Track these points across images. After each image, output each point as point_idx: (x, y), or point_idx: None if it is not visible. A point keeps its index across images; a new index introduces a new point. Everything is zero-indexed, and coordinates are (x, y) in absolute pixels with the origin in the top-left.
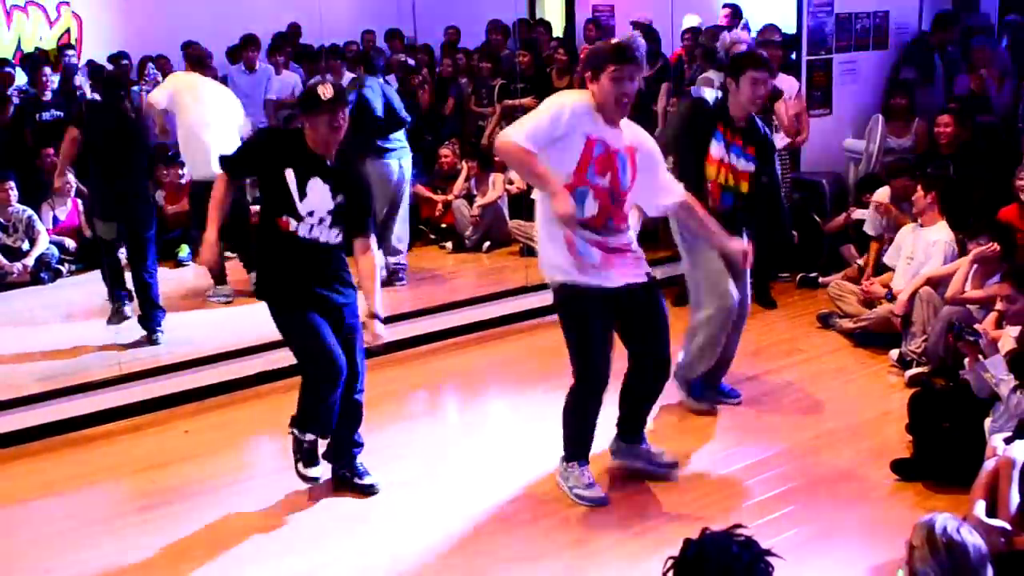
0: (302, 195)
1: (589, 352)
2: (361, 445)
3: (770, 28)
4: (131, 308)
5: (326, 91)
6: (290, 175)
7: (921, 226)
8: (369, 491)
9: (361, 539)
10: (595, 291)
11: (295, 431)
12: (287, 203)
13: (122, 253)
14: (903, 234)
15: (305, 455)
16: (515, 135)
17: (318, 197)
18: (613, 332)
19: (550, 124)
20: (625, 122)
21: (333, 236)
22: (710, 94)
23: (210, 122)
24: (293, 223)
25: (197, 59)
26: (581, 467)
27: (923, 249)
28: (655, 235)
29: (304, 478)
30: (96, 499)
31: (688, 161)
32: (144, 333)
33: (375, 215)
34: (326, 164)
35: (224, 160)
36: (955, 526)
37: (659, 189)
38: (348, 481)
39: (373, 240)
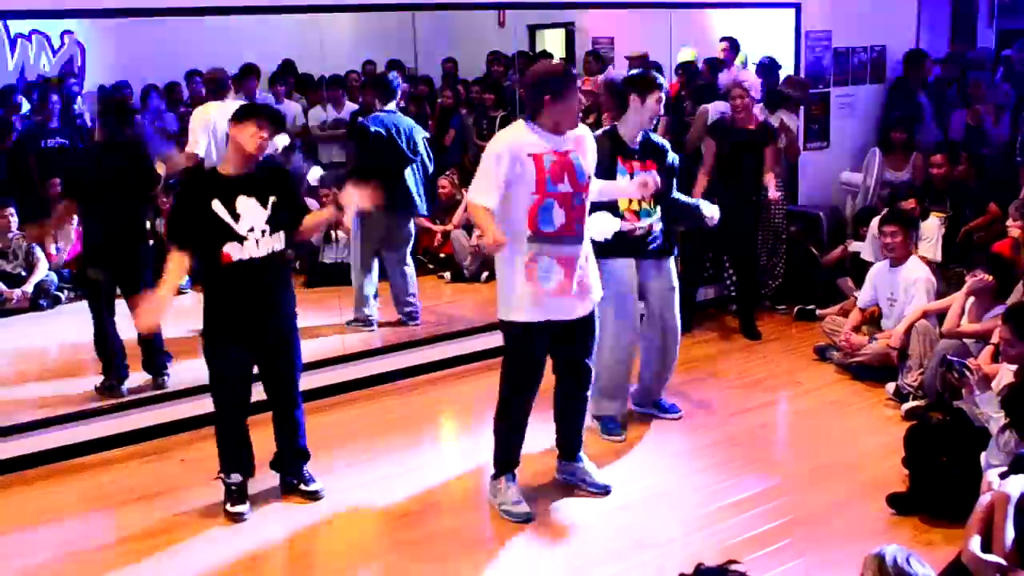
0: (235, 217)
1: (523, 373)
2: (306, 455)
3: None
4: (126, 389)
5: (258, 104)
6: (217, 205)
7: (892, 265)
8: (315, 496)
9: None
10: (542, 327)
11: (222, 476)
12: (225, 232)
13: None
14: (877, 275)
15: (232, 494)
16: (479, 198)
17: (251, 212)
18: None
19: (496, 172)
20: None
21: (277, 243)
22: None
23: None
24: (236, 251)
25: (215, 84)
26: (508, 483)
27: (904, 289)
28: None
29: (229, 514)
30: (91, 527)
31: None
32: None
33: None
34: (243, 179)
35: (173, 239)
36: (904, 556)
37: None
38: (295, 488)
39: None
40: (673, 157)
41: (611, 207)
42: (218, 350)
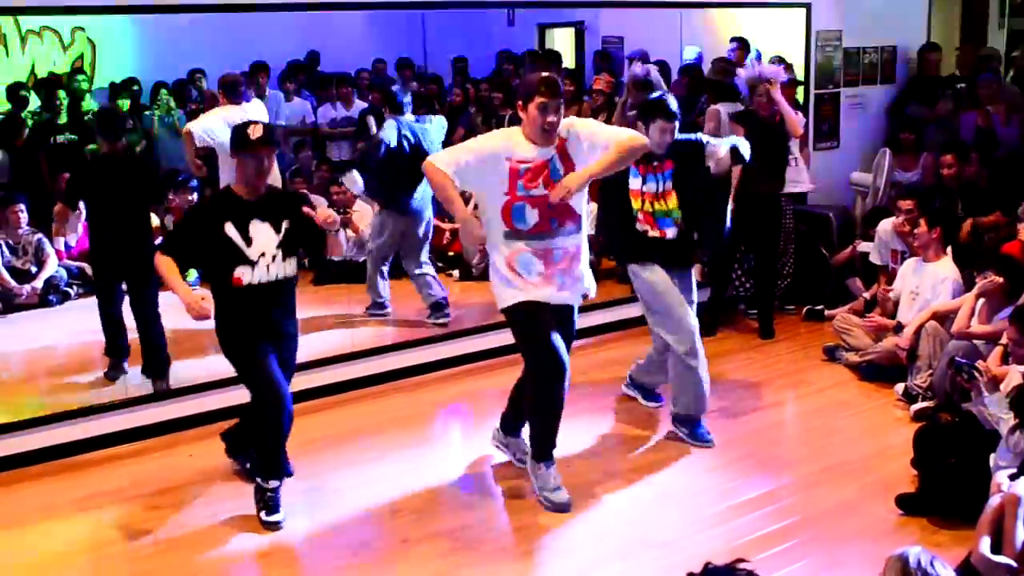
0: (248, 242)
1: (543, 346)
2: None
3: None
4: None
5: (255, 131)
6: (230, 228)
7: (925, 261)
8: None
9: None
10: (534, 303)
11: (259, 480)
12: (237, 255)
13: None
14: (906, 268)
15: (269, 502)
16: (438, 160)
17: (263, 237)
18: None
19: (474, 158)
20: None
21: (289, 269)
22: None
23: None
24: (247, 275)
25: (228, 87)
26: (547, 468)
27: (930, 286)
28: None
29: (267, 524)
30: (99, 523)
31: (611, 201)
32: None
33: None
34: (259, 203)
35: (168, 248)
36: (928, 559)
37: (600, 147)
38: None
39: None
40: (713, 151)
41: (625, 208)
42: (246, 352)
